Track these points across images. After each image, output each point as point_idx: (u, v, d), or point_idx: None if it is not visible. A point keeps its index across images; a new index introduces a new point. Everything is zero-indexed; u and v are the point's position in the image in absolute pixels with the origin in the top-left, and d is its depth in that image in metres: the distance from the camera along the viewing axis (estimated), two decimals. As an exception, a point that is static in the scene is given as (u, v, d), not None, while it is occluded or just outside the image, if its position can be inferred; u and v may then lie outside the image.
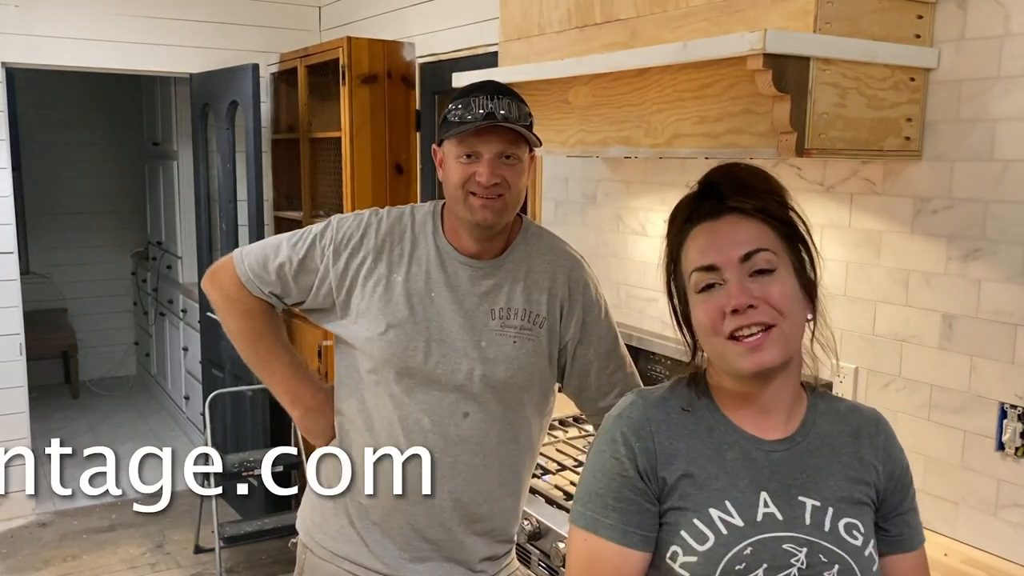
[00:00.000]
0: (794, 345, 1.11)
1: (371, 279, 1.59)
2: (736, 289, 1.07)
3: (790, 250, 1.11)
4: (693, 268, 1.11)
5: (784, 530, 1.09)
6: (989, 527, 1.76)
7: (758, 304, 1.06)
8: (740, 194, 1.11)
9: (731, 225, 1.10)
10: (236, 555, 3.82)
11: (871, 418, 1.20)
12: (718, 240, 1.10)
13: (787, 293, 1.08)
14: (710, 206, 1.12)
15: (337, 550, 1.65)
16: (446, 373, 1.56)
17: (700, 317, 1.11)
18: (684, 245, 1.13)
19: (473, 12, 3.28)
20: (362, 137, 3.63)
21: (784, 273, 1.09)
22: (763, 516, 1.10)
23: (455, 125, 1.51)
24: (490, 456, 1.59)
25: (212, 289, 1.69)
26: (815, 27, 1.59)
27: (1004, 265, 1.70)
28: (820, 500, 1.11)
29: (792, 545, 1.08)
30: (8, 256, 4.05)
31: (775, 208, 1.12)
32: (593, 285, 1.66)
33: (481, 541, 1.63)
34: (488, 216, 1.52)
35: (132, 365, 6.75)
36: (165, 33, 4.26)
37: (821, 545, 1.09)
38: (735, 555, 1.07)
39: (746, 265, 1.08)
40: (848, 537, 1.10)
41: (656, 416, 1.14)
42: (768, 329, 1.07)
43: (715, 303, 1.08)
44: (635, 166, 2.57)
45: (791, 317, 1.08)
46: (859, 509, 1.13)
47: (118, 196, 6.59)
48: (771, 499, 1.11)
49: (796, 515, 1.10)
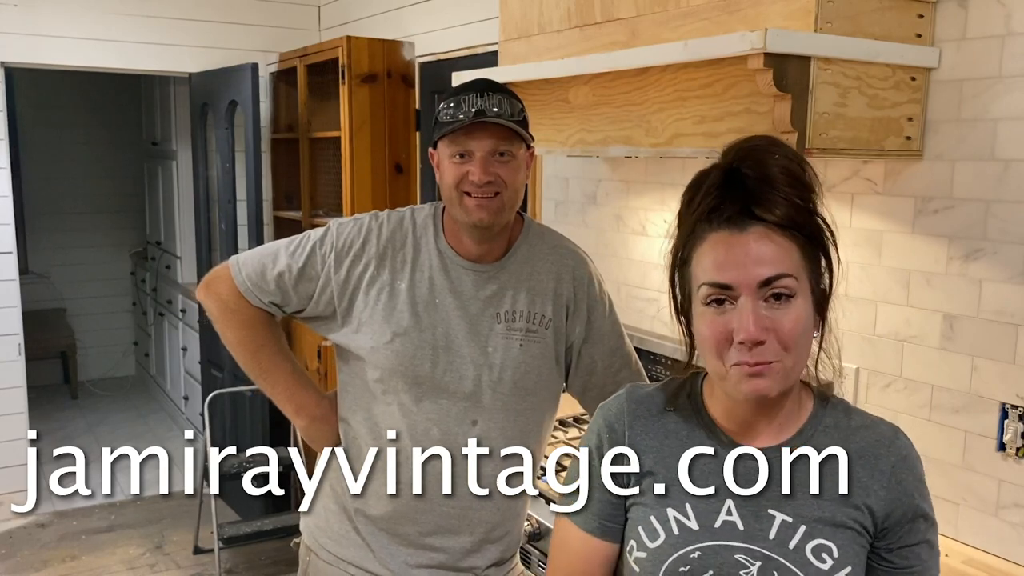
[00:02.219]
0: (796, 374, 1.06)
1: (374, 286, 1.57)
2: (748, 320, 0.99)
3: (811, 263, 1.04)
4: (706, 281, 1.03)
5: (741, 540, 1.07)
6: (990, 527, 1.75)
7: (767, 339, 1.00)
8: (768, 200, 1.01)
9: (754, 240, 1.01)
10: (235, 556, 3.82)
11: (884, 438, 1.10)
12: (738, 257, 1.01)
13: (799, 325, 1.01)
14: (733, 211, 1.02)
15: (342, 554, 1.63)
16: (454, 381, 1.54)
17: (704, 331, 1.04)
18: (699, 249, 1.05)
19: (473, 12, 3.28)
20: (362, 137, 3.62)
21: (800, 301, 1.02)
22: (722, 523, 1.08)
23: (446, 125, 1.49)
24: (500, 463, 1.57)
25: (209, 300, 1.64)
26: (816, 26, 1.59)
27: (1005, 265, 1.69)
28: (793, 516, 1.06)
29: (745, 556, 1.06)
30: (7, 256, 4.05)
31: (804, 216, 1.03)
32: (597, 282, 1.65)
33: (491, 547, 1.61)
34: (485, 216, 1.49)
35: (131, 365, 6.75)
36: (164, 33, 4.26)
37: (778, 562, 1.05)
38: (681, 556, 1.07)
39: (763, 291, 1.00)
40: (814, 559, 1.04)
41: (635, 411, 1.15)
42: (771, 363, 1.01)
43: (723, 324, 1.02)
44: (635, 166, 2.56)
45: (796, 351, 1.02)
46: (839, 532, 1.05)
47: (117, 196, 6.59)
48: (736, 508, 1.08)
49: (761, 528, 1.07)
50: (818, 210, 1.04)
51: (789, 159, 1.03)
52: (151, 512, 4.30)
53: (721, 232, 1.02)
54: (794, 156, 1.03)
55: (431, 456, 1.55)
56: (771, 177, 1.01)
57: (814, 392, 1.12)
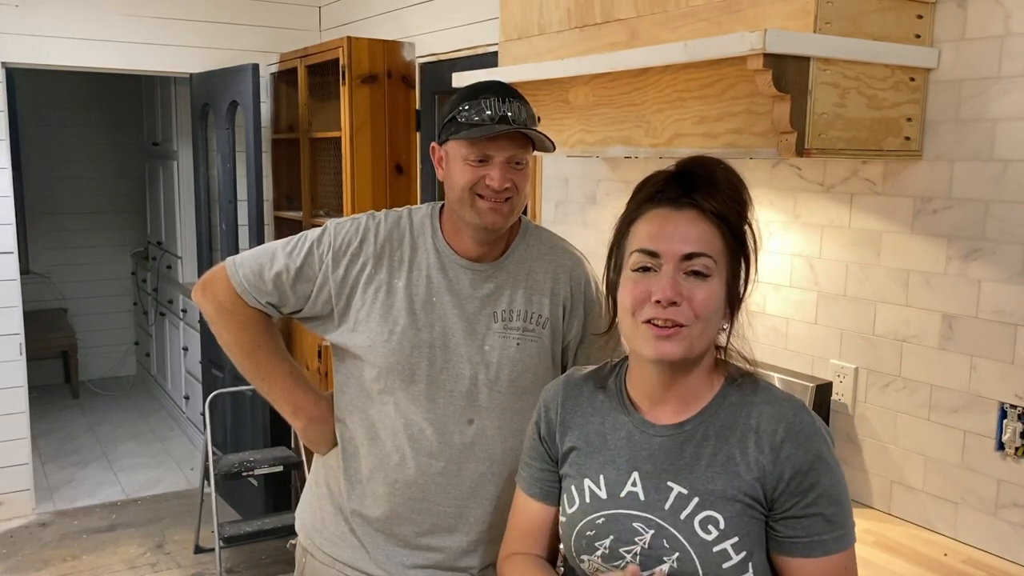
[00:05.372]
0: (700, 347, 1.16)
1: (371, 285, 1.57)
2: (667, 282, 1.12)
3: (731, 261, 1.16)
4: (636, 248, 1.16)
5: (640, 510, 1.17)
6: (989, 527, 1.76)
7: (681, 303, 1.12)
8: (707, 192, 1.15)
9: (687, 220, 1.15)
10: (236, 555, 3.82)
11: (782, 413, 1.15)
12: (669, 230, 1.15)
13: (711, 301, 1.14)
14: (675, 193, 1.16)
15: (338, 555, 1.63)
16: (450, 379, 1.55)
17: (625, 295, 1.17)
18: (637, 222, 1.18)
19: (473, 12, 3.28)
20: (362, 137, 3.63)
21: (716, 282, 1.14)
22: (627, 493, 1.19)
23: (465, 127, 1.48)
24: (497, 463, 1.57)
25: (205, 301, 1.63)
26: (815, 27, 1.59)
27: (1004, 265, 1.70)
28: (688, 489, 1.15)
29: (641, 524, 1.16)
30: (8, 256, 4.05)
31: (734, 217, 1.16)
32: (594, 283, 1.65)
33: (488, 547, 1.61)
34: (497, 220, 1.51)
35: (132, 365, 6.76)
36: (165, 33, 4.26)
37: (668, 531, 1.14)
38: (588, 522, 1.20)
39: (685, 264, 1.13)
40: (700, 530, 1.13)
41: (568, 392, 1.31)
42: (679, 327, 1.13)
43: (644, 287, 1.14)
44: (635, 166, 2.56)
45: (705, 323, 1.14)
46: (728, 505, 1.13)
47: (118, 196, 6.60)
48: (641, 479, 1.19)
49: (660, 499, 1.16)
50: (748, 219, 1.18)
51: (733, 174, 1.18)
52: (152, 511, 4.31)
53: (661, 209, 1.17)
54: (737, 176, 1.18)
55: (427, 456, 1.55)
56: (715, 179, 1.16)
57: (727, 372, 1.21)
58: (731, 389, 1.20)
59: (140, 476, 4.79)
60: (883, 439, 1.94)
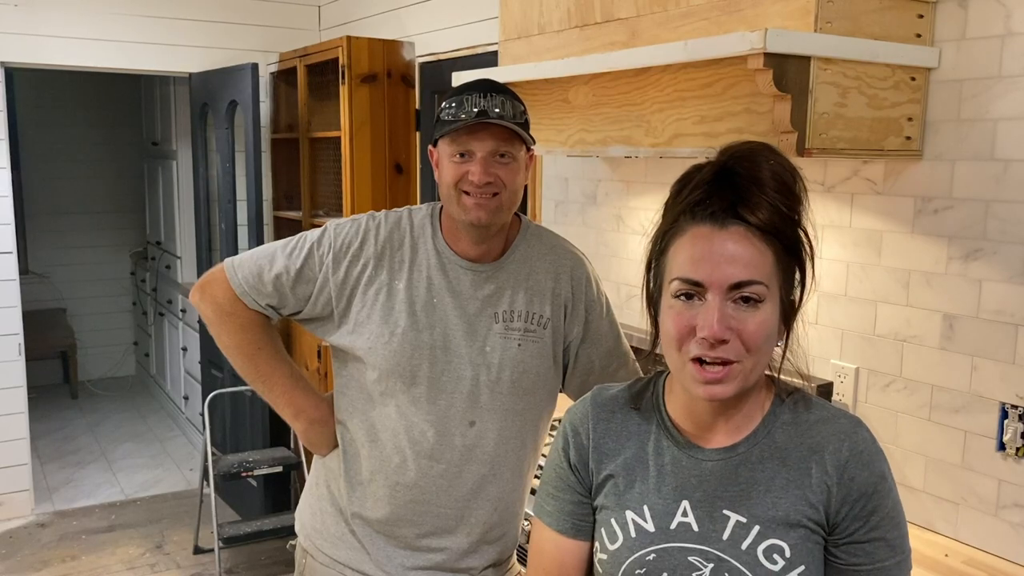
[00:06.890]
0: (754, 379, 1.05)
1: (372, 287, 1.56)
2: (714, 318, 0.99)
3: (784, 273, 1.04)
4: (677, 275, 1.03)
5: (695, 542, 1.06)
6: (990, 527, 1.75)
7: (730, 339, 1.00)
8: (753, 201, 1.00)
9: (732, 241, 1.01)
10: (235, 555, 3.82)
11: (843, 431, 1.06)
12: (714, 255, 1.00)
13: (763, 330, 1.01)
14: (717, 207, 1.01)
15: (338, 556, 1.63)
16: (451, 381, 1.54)
17: (668, 324, 1.04)
18: (677, 240, 1.04)
19: (473, 12, 3.28)
20: (362, 137, 3.63)
21: (768, 307, 1.02)
22: (678, 525, 1.07)
23: (448, 124, 1.48)
24: (499, 464, 1.57)
25: (204, 303, 1.62)
26: (816, 26, 1.59)
27: (1005, 265, 1.69)
28: (747, 516, 1.05)
29: (698, 559, 1.05)
30: (7, 256, 4.05)
31: (785, 224, 1.02)
32: (595, 283, 1.65)
33: (489, 548, 1.61)
34: (482, 215, 1.49)
35: (131, 365, 6.75)
36: (164, 32, 4.26)
37: (730, 563, 1.04)
38: (637, 559, 1.08)
39: (733, 292, 1.00)
40: (765, 560, 1.03)
41: (598, 413, 1.17)
42: (730, 363, 1.01)
43: (687, 319, 1.02)
44: (635, 166, 2.56)
45: (758, 355, 1.02)
46: (792, 531, 1.03)
47: (117, 196, 6.59)
48: (692, 509, 1.07)
49: (715, 528, 1.06)
50: (802, 222, 1.04)
51: (782, 167, 1.02)
52: (151, 512, 4.31)
53: (702, 227, 1.02)
54: (787, 165, 1.03)
55: (428, 458, 1.55)
56: (761, 179, 1.01)
57: (776, 389, 1.11)
58: (780, 407, 1.10)
59: (139, 476, 4.78)
60: (884, 439, 1.93)
